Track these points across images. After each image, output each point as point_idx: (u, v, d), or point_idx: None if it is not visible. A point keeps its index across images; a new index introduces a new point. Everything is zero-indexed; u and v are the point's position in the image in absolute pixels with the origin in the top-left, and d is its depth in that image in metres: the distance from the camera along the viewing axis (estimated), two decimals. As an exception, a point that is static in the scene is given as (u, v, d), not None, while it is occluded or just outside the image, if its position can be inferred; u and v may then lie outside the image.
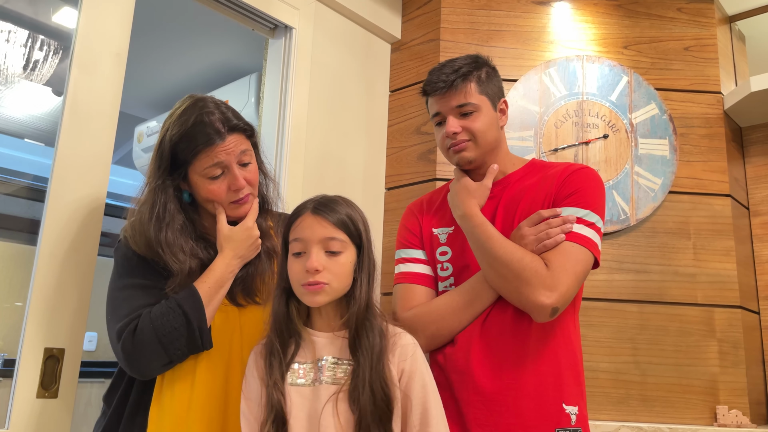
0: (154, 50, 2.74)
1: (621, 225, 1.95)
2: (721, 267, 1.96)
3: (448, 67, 1.33)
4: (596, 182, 1.27)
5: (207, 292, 1.11)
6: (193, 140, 1.15)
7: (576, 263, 1.18)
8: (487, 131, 1.32)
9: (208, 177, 1.17)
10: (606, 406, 1.83)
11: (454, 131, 1.31)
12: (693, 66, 2.12)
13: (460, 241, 1.34)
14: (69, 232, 1.37)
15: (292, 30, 1.96)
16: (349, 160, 2.11)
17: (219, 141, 1.16)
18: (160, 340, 1.06)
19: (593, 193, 1.25)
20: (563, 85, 2.06)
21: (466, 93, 1.32)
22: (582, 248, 1.20)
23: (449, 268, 1.35)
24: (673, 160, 2.02)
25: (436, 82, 1.33)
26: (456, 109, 1.31)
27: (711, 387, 1.86)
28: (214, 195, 1.18)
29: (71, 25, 1.52)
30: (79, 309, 1.36)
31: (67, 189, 1.38)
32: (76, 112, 1.41)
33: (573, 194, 1.24)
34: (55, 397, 1.30)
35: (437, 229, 1.39)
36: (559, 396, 1.20)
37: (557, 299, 1.15)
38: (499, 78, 1.39)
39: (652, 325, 1.90)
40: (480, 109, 1.32)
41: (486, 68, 1.36)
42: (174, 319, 1.07)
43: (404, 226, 1.45)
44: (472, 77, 1.32)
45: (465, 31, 2.14)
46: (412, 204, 1.49)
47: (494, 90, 1.36)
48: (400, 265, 1.40)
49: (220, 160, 1.16)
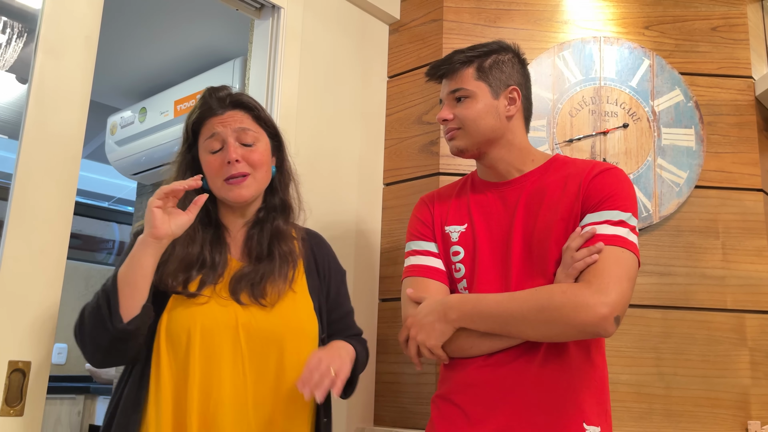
0: (129, 33, 2.73)
1: (643, 223, 1.95)
2: (752, 269, 1.96)
3: (459, 51, 1.41)
4: (628, 183, 1.31)
5: (122, 271, 1.18)
6: (198, 111, 1.33)
7: (619, 266, 1.20)
8: (478, 119, 1.37)
9: (208, 150, 1.31)
10: (627, 422, 1.84)
11: (443, 117, 1.39)
12: (721, 48, 2.12)
13: (472, 241, 1.37)
14: (35, 234, 1.37)
15: (280, 10, 1.96)
16: (344, 153, 2.11)
17: (219, 112, 1.32)
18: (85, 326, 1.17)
19: (626, 194, 1.28)
20: (579, 70, 2.06)
21: (462, 78, 1.39)
22: (623, 250, 1.21)
23: (462, 269, 1.37)
24: (700, 151, 2.02)
25: (433, 66, 1.43)
26: (451, 94, 1.40)
27: (742, 400, 1.86)
28: (210, 167, 1.30)
29: (37, 6, 1.52)
30: (46, 318, 1.36)
31: (32, 186, 1.38)
32: (43, 101, 1.41)
33: (609, 198, 1.26)
34: (20, 415, 1.30)
35: (449, 226, 1.42)
36: (579, 415, 1.21)
37: (613, 305, 1.16)
38: (518, 67, 1.44)
39: (678, 332, 1.90)
40: (474, 95, 1.38)
41: (496, 55, 1.42)
42: (92, 302, 1.18)
43: (416, 218, 1.48)
44: (473, 63, 1.41)
45: (470, 11, 2.14)
46: (425, 196, 1.53)
47: (500, 77, 1.41)
48: (411, 258, 1.43)
49: (217, 131, 1.30)
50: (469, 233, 1.38)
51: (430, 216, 1.45)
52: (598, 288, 1.16)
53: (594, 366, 1.28)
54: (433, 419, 1.34)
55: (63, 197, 1.42)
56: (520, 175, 1.39)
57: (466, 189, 1.46)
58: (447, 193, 1.48)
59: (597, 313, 1.14)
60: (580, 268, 1.19)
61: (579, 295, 1.16)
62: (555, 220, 1.29)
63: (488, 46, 1.42)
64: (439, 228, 1.43)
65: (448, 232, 1.41)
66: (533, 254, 1.30)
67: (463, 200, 1.44)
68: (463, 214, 1.41)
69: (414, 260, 1.42)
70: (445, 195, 1.48)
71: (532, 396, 1.22)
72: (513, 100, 1.40)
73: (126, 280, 1.16)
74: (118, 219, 4.38)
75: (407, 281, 1.39)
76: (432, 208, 1.46)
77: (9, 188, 1.36)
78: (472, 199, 1.42)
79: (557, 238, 1.28)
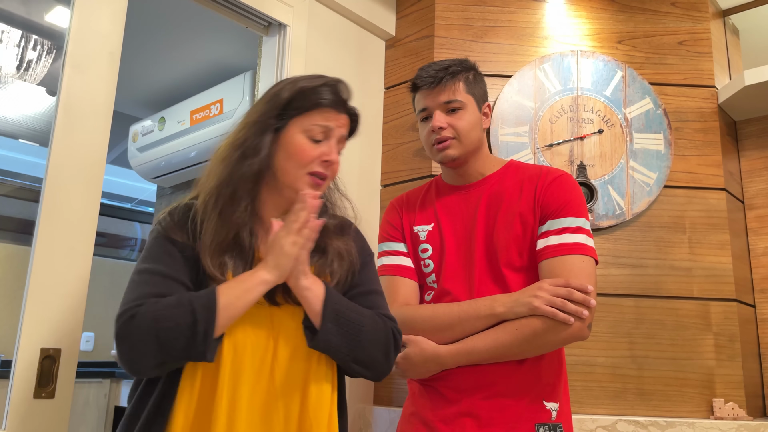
0: (148, 49, 2.73)
1: (616, 220, 1.95)
2: (716, 261, 1.97)
3: (438, 65, 1.40)
4: (579, 189, 1.36)
5: (227, 299, 0.99)
6: (319, 95, 1.12)
7: (589, 276, 1.25)
8: (471, 130, 1.38)
9: (309, 136, 1.12)
10: (603, 400, 1.84)
11: (440, 126, 1.37)
12: (687, 60, 2.12)
13: (439, 239, 1.39)
14: (64, 233, 1.37)
15: (286, 27, 1.96)
16: (344, 158, 2.09)
17: (340, 110, 1.15)
18: (158, 334, 0.95)
19: (580, 201, 1.33)
20: (558, 81, 2.06)
21: (455, 90, 1.38)
22: (585, 257, 1.27)
23: (431, 265, 1.40)
24: (668, 154, 2.02)
25: (426, 77, 1.39)
26: (444, 104, 1.38)
27: (707, 380, 1.87)
28: (304, 152, 1.11)
29: (64, 25, 1.52)
30: (75, 309, 1.36)
31: (61, 189, 1.38)
32: (70, 111, 1.41)
33: (565, 206, 1.31)
34: (51, 397, 1.30)
35: (417, 226, 1.44)
36: (540, 394, 1.27)
37: (588, 316, 1.22)
38: (485, 83, 1.46)
39: (649, 319, 1.91)
40: (466, 107, 1.38)
41: (473, 71, 1.44)
42: (180, 315, 0.96)
43: (386, 221, 1.51)
44: (461, 76, 1.40)
45: (459, 27, 2.14)
46: (395, 200, 1.55)
47: (480, 92, 1.44)
48: (383, 258, 1.45)
49: (330, 126, 1.13)
50: (436, 232, 1.40)
51: (399, 219, 1.47)
52: None
53: None
54: (414, 393, 1.38)
55: (89, 199, 1.42)
56: (482, 179, 1.42)
57: (431, 192, 1.49)
58: (414, 197, 1.50)
59: (575, 328, 1.21)
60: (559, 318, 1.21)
61: (551, 320, 1.21)
62: (514, 221, 1.33)
63: (464, 62, 1.41)
64: (408, 229, 1.45)
65: (417, 232, 1.43)
66: (494, 249, 1.33)
67: (430, 202, 1.46)
68: (430, 214, 1.44)
69: (386, 260, 1.44)
70: (413, 198, 1.50)
71: (500, 381, 1.26)
72: (487, 114, 1.44)
73: (230, 313, 0.99)
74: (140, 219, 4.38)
75: (381, 280, 1.38)
76: (401, 211, 1.49)
77: (40, 191, 1.36)
78: (437, 201, 1.45)
79: (516, 236, 1.32)
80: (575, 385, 1.83)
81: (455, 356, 1.25)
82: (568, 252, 1.25)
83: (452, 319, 1.26)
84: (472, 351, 1.24)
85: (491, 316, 1.23)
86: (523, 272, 1.31)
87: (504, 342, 1.21)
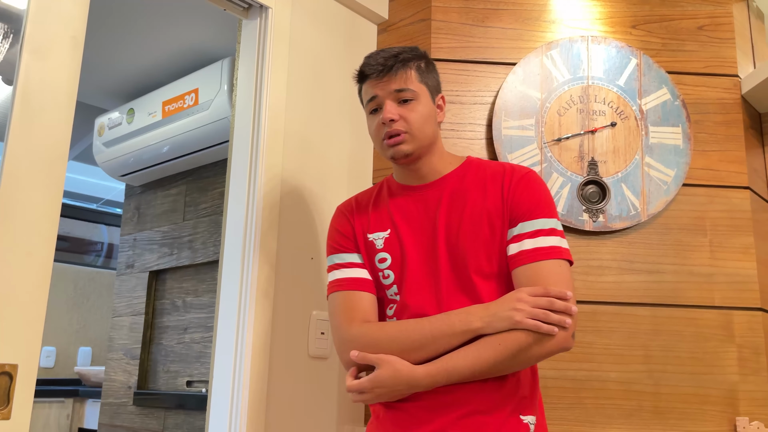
0: (115, 33, 2.71)
1: (631, 221, 1.96)
2: (740, 266, 1.98)
3: (387, 52, 1.39)
4: (547, 187, 1.38)
5: None
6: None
7: (567, 281, 1.27)
8: (425, 124, 1.38)
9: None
10: (616, 419, 1.84)
11: (391, 117, 1.34)
12: (707, 47, 2.13)
13: (398, 246, 1.38)
14: (21, 236, 1.36)
15: (267, 10, 1.95)
16: (333, 153, 2.11)
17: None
18: None
19: (550, 200, 1.35)
20: (566, 69, 2.07)
21: (407, 78, 1.37)
22: (562, 261, 1.29)
23: (390, 276, 1.38)
24: (687, 149, 2.03)
25: (374, 65, 1.38)
26: (395, 93, 1.36)
27: (730, 397, 1.88)
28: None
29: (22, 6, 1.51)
30: (33, 321, 1.35)
31: (18, 188, 1.37)
32: (28, 102, 1.40)
33: (537, 207, 1.32)
34: (7, 418, 1.29)
35: (372, 234, 1.42)
36: (516, 408, 1.28)
37: (572, 326, 1.23)
38: (437, 73, 1.46)
39: (666, 330, 1.91)
40: (419, 98, 1.38)
41: (425, 59, 1.44)
42: None
43: (336, 230, 1.46)
44: (413, 64, 1.40)
45: (458, 10, 2.14)
46: (342, 205, 1.51)
47: (433, 82, 1.44)
48: (336, 272, 1.41)
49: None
50: (394, 238, 1.38)
51: (350, 227, 1.44)
52: None
53: None
54: (379, 416, 1.35)
55: (49, 199, 1.41)
56: (440, 177, 1.41)
57: (383, 194, 1.46)
58: (365, 200, 1.48)
59: (560, 338, 1.22)
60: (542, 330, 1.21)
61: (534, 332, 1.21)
62: (481, 224, 1.33)
63: (414, 50, 1.40)
64: (362, 237, 1.42)
65: (372, 240, 1.40)
66: (461, 255, 1.32)
67: (383, 206, 1.44)
68: (385, 219, 1.41)
69: (339, 274, 1.40)
70: (363, 202, 1.47)
71: (473, 399, 1.26)
72: (441, 107, 1.44)
73: None
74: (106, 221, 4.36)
75: (336, 296, 1.38)
76: (351, 218, 1.45)
77: (-6, 190, 1.35)
78: (391, 204, 1.42)
79: (484, 240, 1.32)
80: (586, 403, 1.84)
81: (434, 377, 1.23)
82: (545, 257, 1.27)
83: (424, 338, 1.23)
84: (453, 371, 1.22)
85: (467, 332, 1.22)
86: (494, 279, 1.31)
87: (488, 359, 1.21)
